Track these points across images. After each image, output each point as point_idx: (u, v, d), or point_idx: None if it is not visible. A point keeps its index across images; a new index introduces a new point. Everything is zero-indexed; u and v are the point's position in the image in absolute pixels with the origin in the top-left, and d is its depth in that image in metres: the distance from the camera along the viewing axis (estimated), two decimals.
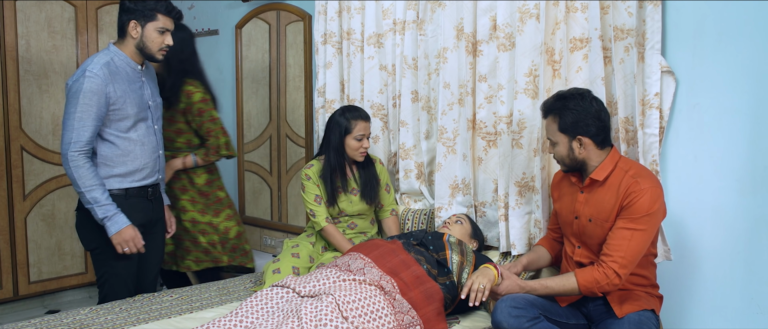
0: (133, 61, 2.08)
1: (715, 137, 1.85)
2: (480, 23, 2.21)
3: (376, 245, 1.98)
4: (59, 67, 3.24)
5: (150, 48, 2.06)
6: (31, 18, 3.12)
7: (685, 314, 1.94)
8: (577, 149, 1.73)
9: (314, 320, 1.58)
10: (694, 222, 1.91)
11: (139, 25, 2.03)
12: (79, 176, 1.97)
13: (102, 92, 1.97)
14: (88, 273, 3.38)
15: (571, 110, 1.71)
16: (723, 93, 1.82)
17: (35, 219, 3.19)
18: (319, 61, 2.76)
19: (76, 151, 1.96)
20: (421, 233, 2.13)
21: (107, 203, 2.01)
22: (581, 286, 1.69)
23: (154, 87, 2.22)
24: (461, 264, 1.97)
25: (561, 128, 1.73)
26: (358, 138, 2.26)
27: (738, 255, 1.84)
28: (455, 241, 2.05)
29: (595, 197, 1.75)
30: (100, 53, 2.06)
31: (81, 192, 1.99)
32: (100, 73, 1.97)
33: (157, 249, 2.29)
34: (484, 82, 2.23)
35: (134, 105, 2.06)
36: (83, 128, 1.96)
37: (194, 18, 3.58)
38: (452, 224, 2.21)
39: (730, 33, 1.79)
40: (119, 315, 1.92)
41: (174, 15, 2.08)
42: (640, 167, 1.75)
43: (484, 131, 2.25)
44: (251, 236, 3.36)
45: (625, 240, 1.64)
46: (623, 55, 1.92)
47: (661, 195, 1.67)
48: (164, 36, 2.07)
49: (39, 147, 3.19)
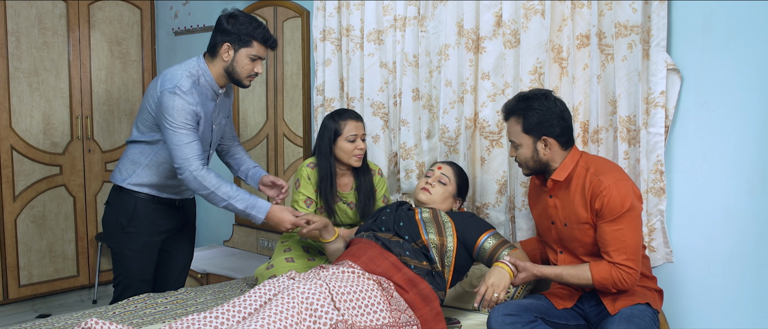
0: (216, 84, 2.03)
1: (725, 136, 1.82)
2: (483, 19, 2.16)
3: (363, 249, 1.86)
4: (50, 64, 3.18)
5: (239, 74, 2.00)
6: (21, 14, 3.07)
7: (694, 316, 1.91)
8: (542, 150, 1.71)
9: (305, 302, 1.54)
10: (702, 224, 1.88)
11: (233, 49, 1.97)
12: (207, 183, 1.93)
13: (192, 108, 1.93)
14: (80, 275, 3.33)
15: (536, 110, 1.69)
16: (732, 91, 1.80)
17: (25, 221, 3.14)
18: (317, 59, 2.72)
19: (195, 165, 1.92)
20: (390, 218, 1.95)
21: (239, 193, 1.95)
22: (596, 280, 1.66)
23: (225, 110, 2.16)
24: (441, 247, 1.85)
25: (525, 129, 1.71)
26: (351, 139, 2.12)
27: (748, 257, 1.81)
28: (428, 217, 1.91)
29: (564, 201, 1.73)
30: (190, 66, 1.98)
31: (210, 193, 1.93)
32: (189, 95, 1.92)
33: (184, 252, 2.28)
34: (488, 79, 2.19)
35: (204, 127, 2.02)
36: (191, 146, 1.92)
37: (189, 14, 3.53)
38: (434, 184, 2.00)
39: (740, 30, 1.77)
40: (112, 319, 1.89)
41: (270, 44, 2.01)
42: (601, 161, 1.73)
43: (487, 130, 2.21)
44: (247, 238, 3.32)
45: (620, 241, 1.63)
46: (626, 52, 1.89)
47: (627, 188, 1.64)
48: (256, 63, 2.00)
49: (29, 147, 3.13)
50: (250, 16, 2.01)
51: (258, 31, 1.97)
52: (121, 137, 3.47)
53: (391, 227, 1.92)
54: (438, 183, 2.00)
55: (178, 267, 2.29)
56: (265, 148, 3.29)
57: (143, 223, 2.08)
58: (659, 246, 1.92)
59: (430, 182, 2.00)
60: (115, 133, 3.46)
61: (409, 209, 1.98)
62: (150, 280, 2.16)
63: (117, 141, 3.46)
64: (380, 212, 2.02)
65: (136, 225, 2.08)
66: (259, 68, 2.01)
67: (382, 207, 2.06)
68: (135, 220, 2.07)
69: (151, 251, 2.13)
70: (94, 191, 3.39)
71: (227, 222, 3.44)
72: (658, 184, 1.89)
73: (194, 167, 1.92)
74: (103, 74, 3.41)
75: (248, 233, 3.33)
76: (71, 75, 3.27)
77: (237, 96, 3.38)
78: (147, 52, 3.56)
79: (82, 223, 3.33)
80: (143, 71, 3.56)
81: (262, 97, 3.26)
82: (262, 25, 2.00)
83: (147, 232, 2.10)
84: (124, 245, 2.09)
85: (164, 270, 2.25)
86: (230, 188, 1.95)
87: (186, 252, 2.31)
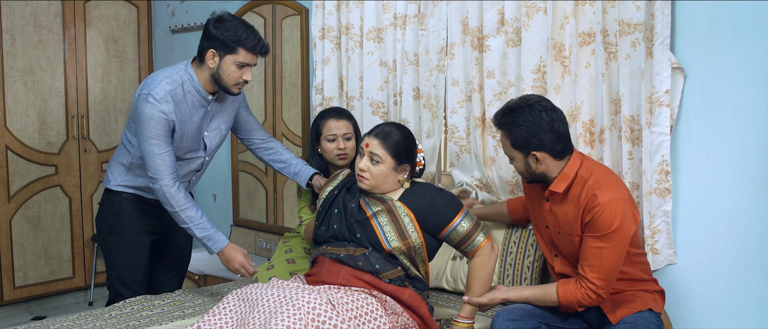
0: (204, 90, 1.95)
1: (730, 136, 1.80)
2: (486, 17, 2.14)
3: (333, 272, 1.71)
4: (45, 62, 3.15)
5: (225, 82, 1.90)
6: (16, 12, 3.03)
7: (698, 318, 1.89)
8: (534, 165, 1.63)
9: (312, 313, 1.48)
10: (707, 225, 1.86)
11: (218, 55, 1.87)
12: (174, 201, 1.92)
13: (166, 118, 1.88)
14: (76, 277, 3.30)
15: (520, 126, 1.59)
16: (738, 90, 1.77)
17: (21, 222, 3.11)
18: (316, 57, 2.69)
19: (166, 179, 1.90)
20: (344, 226, 1.76)
21: (202, 220, 1.96)
22: (561, 302, 1.64)
23: (223, 113, 2.06)
24: (408, 250, 1.70)
25: (513, 144, 1.63)
26: (330, 139, 2.05)
27: (753, 258, 1.79)
28: (385, 219, 1.71)
29: (558, 209, 1.68)
30: (172, 72, 1.92)
31: (174, 212, 1.93)
32: (162, 103, 1.86)
33: (180, 254, 2.25)
34: (492, 78, 2.16)
35: (188, 136, 1.97)
36: (163, 154, 1.88)
37: (186, 12, 3.50)
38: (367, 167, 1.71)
39: (745, 28, 1.74)
40: (108, 321, 1.87)
41: (259, 51, 1.89)
42: (602, 173, 1.64)
43: (493, 129, 2.18)
44: (245, 239, 3.29)
45: (597, 259, 1.58)
46: (630, 50, 1.87)
47: (622, 208, 1.56)
48: (243, 71, 1.88)
49: (25, 146, 3.10)
50: (239, 20, 1.90)
51: (245, 37, 1.84)
52: (117, 137, 3.44)
53: (348, 237, 1.75)
54: (371, 164, 1.72)
55: (175, 269, 2.27)
56: None
57: (127, 223, 2.07)
58: (663, 248, 1.90)
59: (362, 167, 1.72)
60: (111, 132, 3.43)
61: (359, 208, 1.77)
62: (142, 281, 2.13)
63: (113, 141, 3.43)
64: (327, 213, 1.83)
65: (121, 225, 2.06)
66: (248, 76, 1.89)
67: (324, 204, 1.86)
68: (119, 220, 2.06)
69: (140, 251, 2.10)
70: (89, 191, 3.35)
71: (225, 223, 3.41)
72: (663, 185, 1.87)
73: (165, 181, 1.90)
74: (99, 73, 3.37)
75: (247, 234, 3.30)
76: (67, 74, 3.24)
77: None
78: (144, 50, 3.53)
79: (77, 224, 3.29)
80: (140, 70, 3.53)
81: (261, 96, 3.23)
82: (250, 30, 1.87)
83: (132, 232, 2.08)
84: (111, 245, 2.09)
85: (160, 272, 2.23)
86: (195, 212, 1.95)
87: (182, 254, 2.28)
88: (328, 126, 2.05)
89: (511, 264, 2.08)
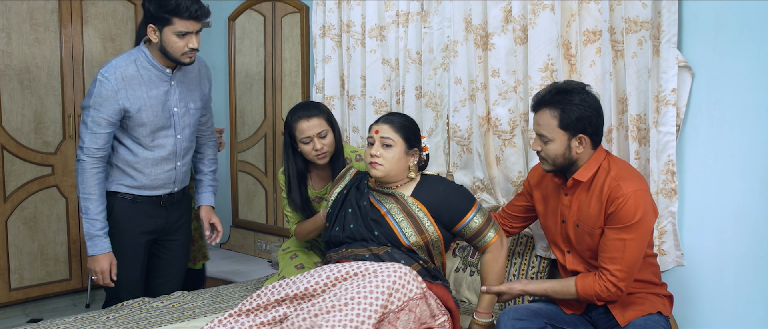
0: (160, 64, 1.97)
1: (737, 135, 1.78)
2: (491, 15, 2.12)
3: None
4: (42, 61, 3.11)
5: (171, 53, 1.92)
6: (12, 9, 3.00)
7: (705, 320, 1.88)
8: (576, 148, 1.64)
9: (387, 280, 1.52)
10: (714, 225, 1.84)
11: (157, 29, 1.90)
12: (82, 179, 1.95)
13: (113, 98, 1.90)
14: (73, 279, 3.26)
15: (577, 105, 1.60)
16: (745, 89, 1.76)
17: (16, 223, 3.07)
18: (317, 56, 2.67)
19: (85, 156, 1.92)
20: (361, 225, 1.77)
21: (96, 218, 1.94)
22: (580, 294, 1.64)
23: (190, 92, 2.06)
24: (426, 244, 1.73)
25: (562, 124, 1.62)
26: (305, 142, 1.94)
27: (761, 259, 1.77)
28: (401, 216, 1.75)
29: (579, 201, 1.68)
30: (126, 53, 1.99)
31: (79, 196, 1.95)
32: (111, 79, 1.90)
33: (177, 257, 2.22)
34: (498, 77, 2.14)
35: (151, 113, 1.96)
36: (95, 134, 1.92)
37: None
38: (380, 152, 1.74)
39: (753, 26, 1.73)
40: (105, 323, 1.84)
41: (193, 15, 1.87)
42: (623, 166, 1.68)
43: (500, 129, 2.15)
44: (245, 240, 3.27)
45: (619, 251, 1.58)
46: (636, 48, 1.85)
47: (645, 199, 1.59)
48: (186, 39, 1.89)
49: (20, 146, 3.06)
50: None
51: (175, 6, 1.84)
52: None
53: (367, 236, 1.77)
54: (384, 149, 1.75)
55: (174, 271, 2.24)
56: (263, 147, 3.24)
57: (121, 223, 2.05)
58: (670, 249, 1.88)
59: (375, 153, 1.75)
60: None
61: (371, 206, 1.79)
62: (138, 282, 2.12)
63: None
64: (340, 213, 1.82)
65: (115, 226, 2.04)
66: (193, 43, 1.90)
67: (334, 204, 1.85)
68: (113, 220, 2.04)
69: (136, 252, 2.08)
70: None
71: (225, 224, 3.38)
72: (670, 185, 1.85)
73: (88, 160, 1.92)
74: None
75: (246, 235, 3.27)
76: (63, 72, 3.20)
77: (234, 94, 3.32)
78: None
79: (74, 225, 3.26)
80: None
81: (260, 95, 3.21)
82: None
83: (127, 233, 2.06)
84: None
85: (159, 274, 2.21)
86: (93, 205, 1.94)
87: (181, 256, 2.26)
88: (300, 129, 1.94)
89: (515, 274, 2.10)
